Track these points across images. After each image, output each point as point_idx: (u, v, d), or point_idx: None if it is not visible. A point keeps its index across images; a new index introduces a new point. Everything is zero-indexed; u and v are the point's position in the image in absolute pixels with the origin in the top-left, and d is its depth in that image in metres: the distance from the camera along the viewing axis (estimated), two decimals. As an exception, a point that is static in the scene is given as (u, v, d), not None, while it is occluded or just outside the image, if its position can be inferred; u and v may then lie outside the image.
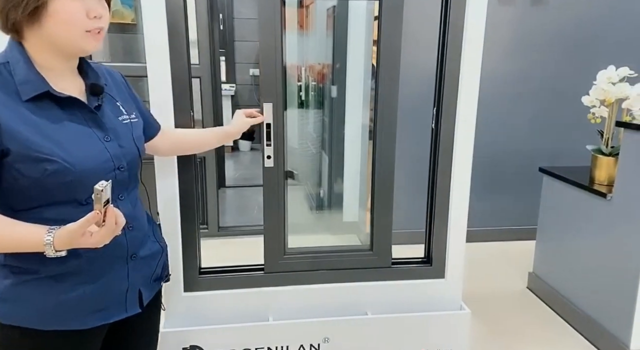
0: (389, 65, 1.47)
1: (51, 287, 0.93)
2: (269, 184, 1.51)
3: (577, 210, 2.35)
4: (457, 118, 1.51)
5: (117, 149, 0.97)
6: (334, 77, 3.18)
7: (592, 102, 2.24)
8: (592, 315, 2.25)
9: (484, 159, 3.24)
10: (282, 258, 1.57)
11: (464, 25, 1.44)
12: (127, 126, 1.02)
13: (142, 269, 1.06)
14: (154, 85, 1.36)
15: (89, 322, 0.97)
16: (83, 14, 0.88)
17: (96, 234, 0.85)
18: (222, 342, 1.52)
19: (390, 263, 1.62)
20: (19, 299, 0.93)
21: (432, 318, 1.61)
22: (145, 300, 1.08)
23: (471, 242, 3.24)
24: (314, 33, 3.71)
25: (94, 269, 0.96)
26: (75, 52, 0.94)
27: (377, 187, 1.58)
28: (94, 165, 0.92)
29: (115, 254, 0.99)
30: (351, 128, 2.93)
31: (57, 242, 0.85)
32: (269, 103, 1.44)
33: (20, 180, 0.87)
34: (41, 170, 0.86)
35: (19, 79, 0.87)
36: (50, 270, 0.92)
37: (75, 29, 0.88)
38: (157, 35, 1.33)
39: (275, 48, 1.42)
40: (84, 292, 0.95)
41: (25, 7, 0.84)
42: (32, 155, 0.85)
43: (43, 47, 0.90)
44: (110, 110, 1.00)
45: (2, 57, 0.89)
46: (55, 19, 0.86)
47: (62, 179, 0.88)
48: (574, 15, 3.07)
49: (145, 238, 1.08)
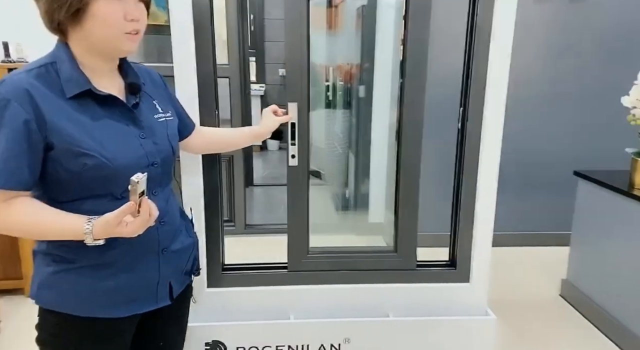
0: (415, 65, 1.45)
1: (88, 276, 0.98)
2: (293, 182, 1.52)
3: (615, 216, 2.25)
4: (484, 119, 1.47)
5: (152, 146, 1.01)
6: (362, 77, 3.17)
7: (632, 102, 2.13)
8: (629, 326, 2.15)
9: (517, 161, 3.16)
10: (305, 257, 1.57)
11: (492, 23, 1.41)
12: (162, 124, 1.06)
13: (172, 263, 1.09)
14: (180, 84, 1.38)
15: (122, 311, 1.02)
16: (121, 16, 0.92)
17: (131, 224, 0.89)
18: (243, 338, 1.54)
19: (415, 265, 1.60)
20: (59, 286, 0.98)
21: (455, 323, 1.57)
22: (175, 293, 1.11)
23: (503, 246, 3.19)
24: (343, 33, 3.70)
25: (128, 260, 1.01)
26: (114, 53, 0.98)
27: (402, 187, 1.56)
28: (129, 161, 0.95)
29: (147, 247, 1.03)
30: (378, 128, 2.91)
31: (95, 231, 0.89)
32: (294, 103, 1.45)
33: (62, 173, 0.92)
34: (81, 164, 0.91)
35: (64, 77, 0.92)
36: (88, 260, 0.97)
37: (113, 31, 0.93)
38: (184, 34, 1.36)
39: (301, 49, 1.42)
40: (118, 282, 1.00)
41: (68, 8, 0.88)
42: (74, 150, 0.90)
43: (85, 48, 0.94)
44: (147, 109, 1.04)
45: (50, 57, 0.94)
46: (95, 20, 0.90)
47: (99, 173, 0.92)
48: (613, 12, 2.94)
49: (177, 233, 1.11)
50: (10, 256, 2.47)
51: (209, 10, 1.38)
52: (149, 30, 2.85)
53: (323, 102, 3.84)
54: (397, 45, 1.56)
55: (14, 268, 2.49)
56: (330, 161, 3.88)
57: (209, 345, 1.53)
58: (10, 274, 2.49)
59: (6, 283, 2.47)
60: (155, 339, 1.17)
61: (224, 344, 1.53)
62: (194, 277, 1.21)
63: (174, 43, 1.35)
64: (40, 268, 1.00)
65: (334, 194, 3.86)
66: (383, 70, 2.78)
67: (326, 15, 3.84)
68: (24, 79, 0.89)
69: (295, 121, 1.46)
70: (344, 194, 3.68)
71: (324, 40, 3.73)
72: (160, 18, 3.84)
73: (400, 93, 1.49)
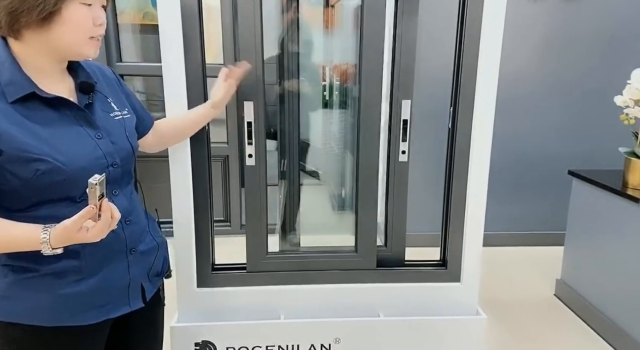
0: (370, 68, 1.43)
1: (51, 284, 0.94)
2: (250, 183, 1.49)
3: (608, 216, 2.25)
4: (474, 118, 1.47)
5: (110, 145, 0.98)
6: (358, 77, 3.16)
7: (625, 102, 2.13)
8: (623, 326, 2.14)
9: (512, 161, 3.16)
10: (265, 258, 1.55)
11: (482, 22, 1.40)
12: (119, 122, 1.03)
13: (142, 263, 1.07)
14: (169, 83, 1.38)
15: (91, 317, 0.98)
16: (89, 20, 0.91)
17: (92, 229, 0.86)
18: (233, 338, 1.53)
19: (375, 266, 1.58)
20: (19, 296, 0.94)
21: (446, 322, 1.57)
22: (148, 295, 1.09)
23: (497, 246, 3.19)
24: (340, 32, 3.69)
25: (94, 264, 0.97)
26: (75, 57, 0.96)
27: (361, 188, 1.54)
28: (87, 163, 0.92)
29: (114, 248, 1.00)
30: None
31: (53, 240, 0.86)
32: (250, 101, 1.43)
33: (13, 181, 0.88)
34: (33, 170, 0.87)
35: (5, 81, 0.88)
36: (50, 267, 0.93)
37: (82, 35, 0.91)
38: (172, 33, 1.35)
39: (255, 46, 1.39)
40: (85, 287, 0.96)
41: (41, 12, 0.85)
42: (23, 156, 0.86)
43: (40, 49, 0.91)
44: (101, 108, 1.01)
45: None
46: (65, 24, 0.88)
47: (54, 178, 0.89)
48: (607, 12, 2.94)
49: (144, 233, 1.09)
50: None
51: (197, 10, 1.37)
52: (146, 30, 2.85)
53: (320, 101, 3.83)
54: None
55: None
56: (327, 161, 3.88)
57: (198, 345, 1.52)
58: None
59: None
60: (129, 347, 1.14)
61: (213, 344, 1.52)
62: (165, 279, 1.18)
63: (162, 42, 1.35)
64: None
65: (330, 194, 3.86)
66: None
67: (323, 15, 3.83)
68: None
69: (252, 120, 1.44)
70: (340, 193, 3.68)
71: (320, 39, 3.72)
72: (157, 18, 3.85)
73: (359, 94, 1.48)
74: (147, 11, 3.58)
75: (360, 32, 1.44)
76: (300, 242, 2.04)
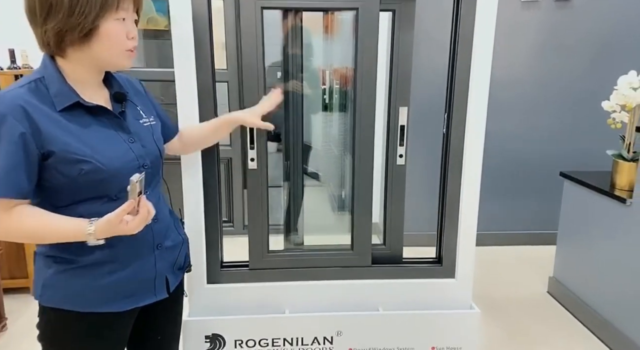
0: (365, 73, 1.51)
1: (88, 274, 1.05)
2: (253, 185, 1.58)
3: (597, 216, 2.35)
4: (467, 123, 1.56)
5: (141, 149, 1.08)
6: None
7: (612, 107, 2.23)
8: (611, 321, 2.24)
9: (505, 163, 3.25)
10: (265, 256, 1.64)
11: (474, 33, 1.49)
12: (148, 128, 1.14)
13: (167, 258, 1.17)
14: (181, 89, 1.47)
15: (122, 305, 1.09)
16: (124, 35, 1.01)
17: (131, 222, 0.96)
18: (241, 331, 1.62)
19: (370, 263, 1.67)
20: (61, 285, 1.04)
21: (442, 316, 1.66)
22: (171, 287, 1.19)
23: (491, 245, 3.28)
24: (339, 37, 3.78)
25: (126, 258, 1.08)
26: (113, 68, 1.07)
27: (356, 189, 1.64)
28: (122, 165, 1.03)
29: (143, 243, 1.10)
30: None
31: (98, 231, 0.97)
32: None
33: (60, 179, 0.98)
34: (78, 169, 0.98)
35: (53, 92, 0.99)
36: (87, 260, 1.04)
37: (118, 48, 1.01)
38: (184, 43, 1.44)
39: (257, 62, 1.48)
40: (117, 278, 1.07)
41: (81, 29, 0.96)
42: (70, 157, 0.97)
43: (82, 64, 1.02)
44: (132, 115, 1.12)
45: (38, 73, 1.01)
46: (103, 39, 0.99)
47: (95, 177, 0.99)
48: (597, 19, 3.04)
49: (169, 230, 1.19)
50: (17, 257, 2.56)
51: (207, 20, 1.46)
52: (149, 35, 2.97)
53: (320, 105, 3.92)
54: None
55: (20, 268, 2.58)
56: (327, 163, 3.96)
57: (208, 338, 1.61)
58: (16, 274, 2.58)
59: (12, 282, 2.56)
60: (152, 334, 1.24)
61: (223, 337, 1.61)
62: (186, 273, 1.28)
63: (175, 51, 1.43)
64: (42, 269, 1.06)
65: (330, 195, 3.95)
66: (378, 74, 2.86)
67: (323, 21, 3.93)
68: (18, 95, 0.96)
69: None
70: (340, 194, 3.77)
71: (320, 44, 3.81)
72: (160, 23, 3.92)
73: (354, 98, 1.57)
74: (151, 16, 3.67)
75: (355, 42, 1.54)
76: (304, 241, 2.13)
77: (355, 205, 1.65)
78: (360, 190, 1.64)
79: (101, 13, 0.96)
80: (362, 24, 1.49)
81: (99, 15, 0.96)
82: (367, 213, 1.65)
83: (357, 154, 1.60)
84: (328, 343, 1.65)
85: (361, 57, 1.52)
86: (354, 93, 1.58)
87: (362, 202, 1.64)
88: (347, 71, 3.53)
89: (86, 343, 1.09)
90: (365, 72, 1.53)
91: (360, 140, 1.59)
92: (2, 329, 2.27)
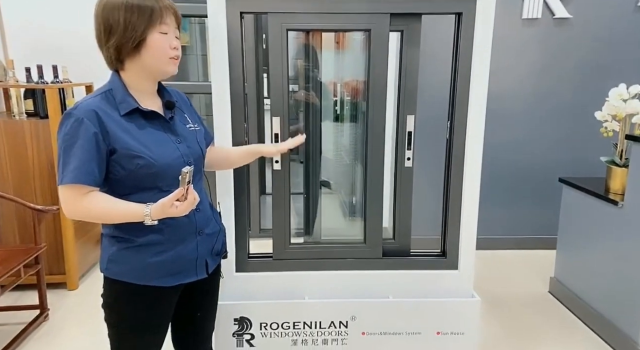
0: (375, 87, 1.72)
1: (142, 252, 1.24)
2: (277, 184, 1.80)
3: (593, 218, 2.49)
4: (467, 129, 1.75)
5: (186, 149, 1.28)
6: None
7: (604, 117, 2.40)
8: (609, 318, 2.35)
9: (508, 171, 3.43)
10: (288, 247, 1.83)
11: (472, 50, 1.69)
12: (192, 132, 1.34)
13: (206, 243, 1.36)
14: (217, 101, 1.69)
15: (169, 281, 1.28)
16: (167, 45, 1.22)
17: (180, 206, 1.15)
18: (266, 315, 1.81)
19: (381, 255, 1.85)
20: (122, 260, 1.25)
21: (445, 304, 1.83)
22: (210, 268, 1.38)
23: (494, 249, 3.43)
24: (350, 52, 4.01)
25: (173, 240, 1.27)
26: (161, 75, 1.27)
27: (369, 191, 1.83)
28: (170, 161, 1.23)
29: (187, 230, 1.30)
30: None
31: (153, 213, 1.16)
32: (277, 117, 1.73)
33: (121, 172, 1.19)
34: (135, 164, 1.18)
35: (118, 100, 1.21)
36: (142, 240, 1.24)
37: (163, 57, 1.22)
38: (220, 61, 1.66)
39: (282, 73, 1.70)
40: (165, 258, 1.26)
41: (133, 41, 1.18)
42: (129, 154, 1.18)
43: (138, 74, 1.23)
44: (180, 120, 1.33)
45: (108, 85, 1.24)
46: (151, 49, 1.20)
47: (148, 171, 1.19)
48: (593, 38, 3.24)
49: (209, 220, 1.38)
50: (56, 255, 2.78)
51: (240, 45, 1.69)
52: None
53: (332, 115, 4.13)
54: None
55: (58, 265, 2.79)
56: (339, 171, 4.15)
57: (236, 320, 1.80)
58: (55, 270, 2.80)
59: (52, 278, 2.77)
60: (193, 310, 1.43)
61: (249, 320, 1.81)
62: (222, 259, 1.47)
63: (212, 72, 1.66)
64: (107, 247, 1.27)
65: (342, 202, 4.13)
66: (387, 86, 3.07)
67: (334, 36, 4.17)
68: (92, 103, 1.17)
69: (279, 132, 1.74)
70: (351, 201, 3.95)
71: (332, 58, 4.03)
72: (182, 40, 4.18)
73: (366, 107, 1.78)
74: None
75: (367, 59, 1.74)
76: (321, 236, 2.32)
77: (367, 203, 1.85)
78: (372, 189, 1.83)
79: (148, 27, 1.18)
80: (374, 43, 1.71)
81: (146, 28, 1.17)
82: (378, 209, 1.84)
83: (370, 154, 1.80)
84: (343, 327, 1.83)
85: (373, 72, 1.73)
86: (366, 103, 1.78)
87: (374, 200, 1.84)
88: (358, 84, 3.75)
89: (140, 312, 1.29)
90: (376, 85, 1.74)
91: (372, 144, 1.79)
92: (45, 319, 2.48)
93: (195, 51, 4.61)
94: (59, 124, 1.18)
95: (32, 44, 3.08)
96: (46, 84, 2.71)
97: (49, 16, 3.08)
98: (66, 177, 1.15)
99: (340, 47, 4.17)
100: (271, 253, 1.86)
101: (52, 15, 3.08)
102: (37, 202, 2.64)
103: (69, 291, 2.82)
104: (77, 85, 2.94)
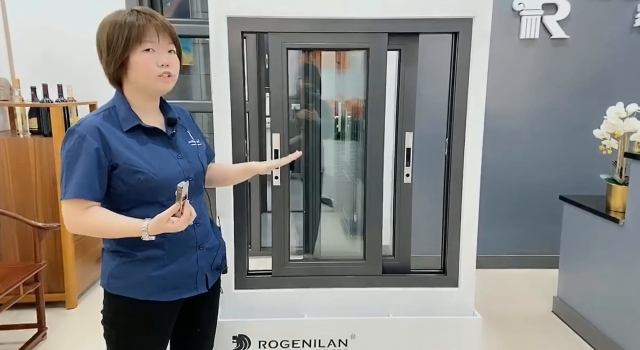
0: (374, 105, 1.75)
1: (143, 267, 1.25)
2: (277, 199, 1.80)
3: (595, 236, 2.48)
4: (465, 147, 1.77)
5: (187, 164, 1.30)
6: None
7: (602, 135, 2.42)
8: (615, 340, 2.32)
9: (508, 189, 3.43)
10: (287, 264, 1.83)
11: (469, 69, 1.72)
12: (194, 148, 1.36)
13: (206, 258, 1.36)
14: (218, 118, 1.71)
15: (170, 296, 1.28)
16: (154, 63, 1.22)
17: (177, 221, 1.15)
18: (265, 333, 1.79)
19: (381, 272, 1.85)
20: (122, 275, 1.25)
21: (446, 322, 1.82)
22: (210, 283, 1.38)
23: (497, 268, 3.40)
24: (351, 71, 4.07)
25: (173, 255, 1.28)
26: (153, 93, 1.28)
27: (368, 209, 1.84)
28: (170, 175, 1.24)
29: (187, 244, 1.30)
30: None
31: (150, 228, 1.16)
32: (277, 133, 1.75)
33: (122, 186, 1.21)
34: (136, 179, 1.20)
35: (121, 117, 1.24)
36: (142, 255, 1.24)
37: (149, 75, 1.22)
38: (221, 79, 1.69)
39: (282, 91, 1.73)
40: (166, 272, 1.27)
41: (115, 63, 1.21)
42: (130, 169, 1.20)
43: (134, 91, 1.26)
44: (181, 137, 1.35)
45: (111, 103, 1.27)
46: (136, 67, 1.21)
47: (149, 185, 1.21)
48: (591, 57, 3.29)
49: (209, 234, 1.39)
50: (55, 272, 2.77)
51: (241, 65, 1.72)
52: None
53: (333, 133, 4.17)
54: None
55: (57, 283, 2.78)
56: (340, 189, 4.16)
57: (235, 338, 1.79)
58: (54, 288, 2.79)
59: (51, 296, 2.76)
60: (192, 325, 1.43)
61: (248, 338, 1.79)
62: (222, 274, 1.47)
63: (214, 90, 1.69)
64: (108, 262, 1.27)
65: (343, 220, 4.13)
66: (386, 105, 3.11)
67: (335, 56, 4.24)
68: (94, 120, 1.20)
69: (278, 148, 1.75)
70: (352, 219, 3.95)
71: (333, 78, 4.09)
72: (185, 59, 4.26)
73: (365, 124, 1.80)
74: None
75: (366, 77, 1.78)
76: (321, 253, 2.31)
77: (367, 219, 1.85)
78: (371, 205, 1.84)
79: (128, 46, 1.19)
80: (373, 62, 1.74)
81: (127, 47, 1.19)
82: (378, 226, 1.84)
83: (369, 171, 1.82)
84: (343, 345, 1.81)
85: (372, 89, 1.76)
86: (365, 120, 1.81)
87: (373, 216, 1.84)
88: (358, 102, 3.80)
89: (140, 327, 1.29)
90: (375, 102, 1.77)
91: (371, 160, 1.81)
92: (42, 338, 2.46)
93: (198, 71, 4.69)
94: (63, 141, 1.20)
95: (38, 63, 3.14)
96: (51, 103, 2.75)
97: (57, 36, 3.15)
98: (68, 192, 1.17)
99: (341, 66, 4.25)
100: (270, 270, 1.86)
101: (60, 35, 3.15)
102: (38, 219, 2.65)
103: (68, 309, 2.80)
104: (81, 103, 2.98)
